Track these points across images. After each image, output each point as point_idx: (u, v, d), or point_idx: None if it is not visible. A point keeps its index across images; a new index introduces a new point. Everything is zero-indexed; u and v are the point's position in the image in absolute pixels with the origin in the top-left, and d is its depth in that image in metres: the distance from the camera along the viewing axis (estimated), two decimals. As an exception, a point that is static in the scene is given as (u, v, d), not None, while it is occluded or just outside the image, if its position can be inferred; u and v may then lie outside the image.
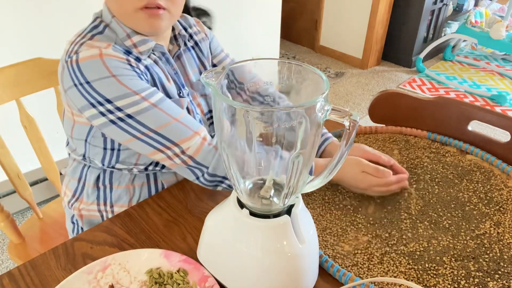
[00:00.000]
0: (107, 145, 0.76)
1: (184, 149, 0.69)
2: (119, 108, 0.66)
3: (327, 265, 0.61)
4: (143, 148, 0.70)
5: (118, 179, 0.81)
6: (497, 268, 0.62)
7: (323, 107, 0.45)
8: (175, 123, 0.69)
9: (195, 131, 0.70)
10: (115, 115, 0.66)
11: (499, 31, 2.74)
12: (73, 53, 0.67)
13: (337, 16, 3.27)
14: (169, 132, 0.68)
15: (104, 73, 0.65)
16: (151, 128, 0.67)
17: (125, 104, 0.66)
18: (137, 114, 0.67)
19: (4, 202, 1.66)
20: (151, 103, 0.67)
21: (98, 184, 0.82)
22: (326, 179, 0.52)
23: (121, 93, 0.66)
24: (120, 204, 0.83)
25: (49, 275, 0.62)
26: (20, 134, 1.07)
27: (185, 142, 0.69)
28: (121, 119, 0.67)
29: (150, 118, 0.67)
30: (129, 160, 0.78)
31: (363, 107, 2.73)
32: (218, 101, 0.45)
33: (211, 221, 0.59)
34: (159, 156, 0.70)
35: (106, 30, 0.72)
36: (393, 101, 0.99)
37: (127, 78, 0.67)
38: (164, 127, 0.68)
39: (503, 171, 0.83)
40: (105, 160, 0.78)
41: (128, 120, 0.67)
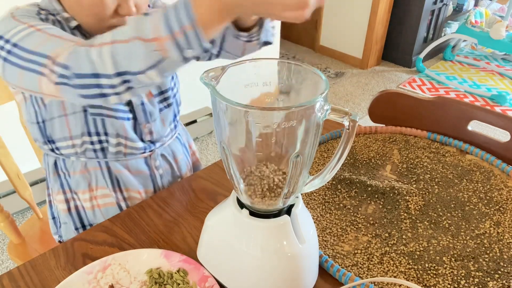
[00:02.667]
0: (38, 118, 0.76)
1: (54, 58, 0.57)
2: (7, 40, 0.61)
3: (327, 265, 0.61)
4: (31, 80, 0.60)
5: (72, 166, 0.81)
6: (497, 268, 0.62)
7: (322, 107, 0.45)
8: (52, 38, 0.60)
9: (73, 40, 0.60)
10: (5, 49, 0.61)
11: (499, 31, 2.74)
12: None
13: (337, 16, 3.27)
14: (44, 47, 0.59)
15: (6, 16, 0.64)
16: (29, 49, 0.60)
17: (12, 34, 0.61)
18: (20, 40, 0.60)
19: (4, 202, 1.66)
20: (36, 28, 0.62)
21: (57, 171, 0.83)
22: (326, 179, 0.52)
23: (11, 26, 0.63)
24: (81, 191, 0.83)
25: (49, 275, 0.62)
26: (20, 134, 1.07)
27: (56, 52, 0.58)
28: (9, 52, 0.61)
29: (30, 41, 0.60)
30: (62, 134, 0.76)
31: (363, 107, 2.73)
32: (218, 101, 0.45)
33: (211, 221, 0.59)
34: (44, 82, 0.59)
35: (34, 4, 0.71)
36: (393, 101, 0.99)
37: (25, 17, 0.65)
38: (40, 45, 0.60)
39: (503, 171, 0.83)
40: (42, 137, 0.78)
41: (14, 49, 0.60)
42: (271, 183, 0.51)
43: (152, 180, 0.88)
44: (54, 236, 0.93)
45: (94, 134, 0.77)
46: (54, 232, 0.92)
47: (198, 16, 0.49)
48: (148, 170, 0.86)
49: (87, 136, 0.77)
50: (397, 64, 3.33)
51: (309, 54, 3.56)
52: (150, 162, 0.86)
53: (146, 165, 0.86)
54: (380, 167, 0.85)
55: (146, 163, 0.86)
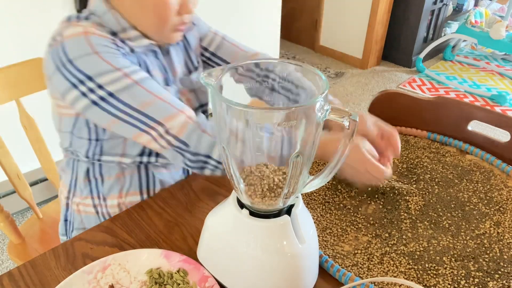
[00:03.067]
0: (92, 136, 0.75)
1: (167, 128, 0.66)
2: (100, 86, 0.64)
3: (327, 265, 0.61)
4: (127, 131, 0.67)
5: (108, 171, 0.80)
6: (497, 268, 0.62)
7: (322, 107, 0.45)
8: (158, 101, 0.66)
9: (179, 109, 0.67)
10: (97, 94, 0.64)
11: (499, 31, 2.74)
12: (58, 35, 0.66)
13: (337, 16, 3.27)
14: (152, 110, 0.65)
15: (87, 50, 0.64)
16: (134, 107, 0.65)
17: (107, 81, 0.64)
18: (119, 92, 0.64)
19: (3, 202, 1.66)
20: (134, 80, 0.65)
21: (89, 177, 0.81)
22: (326, 179, 0.52)
23: (102, 69, 0.64)
24: (111, 196, 0.82)
25: (49, 275, 0.62)
26: (20, 134, 1.07)
27: (169, 121, 0.66)
28: (103, 98, 0.64)
29: (133, 96, 0.65)
30: (115, 151, 0.76)
31: (363, 107, 2.73)
32: (218, 101, 0.45)
33: (211, 221, 0.59)
34: (144, 138, 0.67)
35: (92, 17, 0.71)
36: (393, 101, 0.99)
37: (110, 55, 0.65)
38: (147, 106, 0.65)
39: (503, 171, 0.83)
40: (89, 152, 0.77)
41: (110, 99, 0.64)
42: (271, 183, 0.51)
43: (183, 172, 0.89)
44: (62, 237, 0.92)
45: (147, 155, 0.79)
46: (62, 234, 0.91)
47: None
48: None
49: (139, 157, 0.78)
50: (397, 64, 3.33)
51: (309, 54, 3.56)
52: None
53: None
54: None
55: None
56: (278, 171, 0.51)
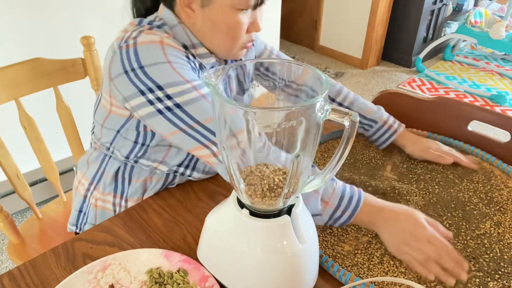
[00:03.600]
0: (139, 140, 0.75)
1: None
2: (169, 96, 0.64)
3: (327, 265, 0.61)
4: (187, 142, 0.67)
5: (138, 173, 0.80)
6: (497, 268, 0.62)
7: (322, 107, 0.45)
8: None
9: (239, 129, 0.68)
10: (164, 104, 0.64)
11: (499, 31, 2.74)
12: (131, 38, 0.66)
13: (337, 16, 3.27)
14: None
15: (161, 59, 0.64)
16: (198, 120, 0.65)
17: (176, 92, 0.64)
18: (186, 104, 0.64)
19: (3, 202, 1.66)
20: (201, 94, 0.66)
21: (117, 176, 0.81)
22: (325, 179, 0.51)
23: (173, 80, 0.64)
24: (135, 199, 0.82)
25: (49, 275, 0.62)
26: (20, 135, 1.06)
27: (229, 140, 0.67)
28: (169, 109, 0.65)
29: (199, 110, 0.65)
30: (155, 157, 0.77)
31: (363, 107, 2.73)
32: (218, 101, 0.45)
33: (211, 221, 0.59)
34: (203, 152, 0.67)
35: (165, 27, 0.71)
36: (393, 101, 0.99)
37: (181, 67, 0.66)
38: (210, 121, 0.65)
39: (503, 171, 0.83)
40: (131, 154, 0.77)
41: (176, 110, 0.65)
42: (271, 183, 0.50)
43: None
44: (71, 226, 0.91)
45: (184, 167, 0.79)
46: (72, 223, 0.90)
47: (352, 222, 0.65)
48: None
49: (177, 167, 0.79)
50: (397, 64, 3.33)
51: (309, 54, 3.56)
52: None
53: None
54: (380, 167, 0.85)
55: None
56: (278, 171, 0.51)
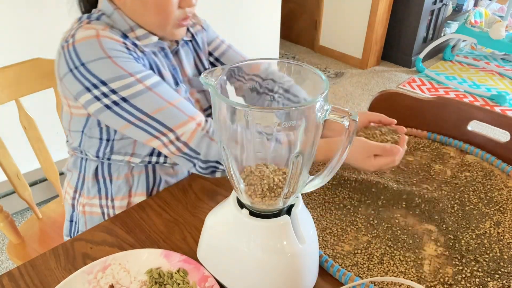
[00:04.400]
0: (103, 136, 0.75)
1: (178, 135, 0.68)
2: (113, 91, 0.65)
3: (327, 265, 0.61)
4: (139, 135, 0.69)
5: (117, 170, 0.81)
6: (497, 268, 0.62)
7: (322, 107, 0.45)
8: (170, 107, 0.67)
9: (190, 116, 0.69)
10: (110, 98, 0.65)
11: (499, 31, 2.74)
12: (70, 37, 0.67)
13: (337, 16, 3.27)
14: (164, 117, 0.67)
15: (100, 54, 0.64)
16: (146, 112, 0.66)
17: (120, 86, 0.65)
18: (132, 98, 0.65)
19: (3, 203, 1.66)
20: (146, 86, 0.66)
21: (97, 176, 0.82)
22: (326, 179, 0.51)
23: (116, 74, 0.65)
24: (120, 197, 0.82)
25: (49, 275, 0.62)
26: (20, 135, 1.07)
27: (179, 128, 0.68)
28: (116, 103, 0.65)
29: (145, 102, 0.66)
30: (124, 151, 0.77)
31: (363, 107, 2.73)
32: (218, 101, 0.45)
33: (211, 221, 0.59)
34: (155, 143, 0.70)
35: (103, 17, 0.72)
36: (393, 101, 0.99)
37: (123, 60, 0.66)
38: (158, 112, 0.67)
39: (503, 171, 0.83)
40: (100, 152, 0.77)
41: (123, 104, 0.66)
42: (271, 183, 0.50)
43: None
44: (66, 237, 0.92)
45: (156, 155, 0.79)
46: (66, 234, 0.92)
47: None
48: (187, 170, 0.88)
49: (149, 157, 0.79)
50: (397, 64, 3.33)
51: (309, 54, 3.56)
52: None
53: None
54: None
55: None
56: (278, 171, 0.51)
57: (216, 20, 2.16)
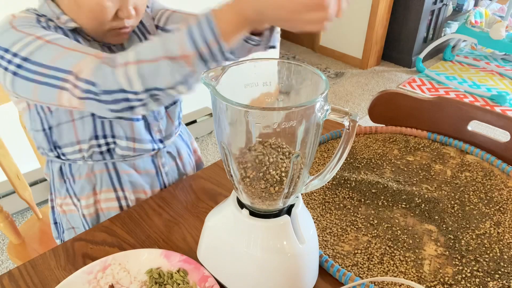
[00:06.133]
0: (44, 125, 0.74)
1: (76, 74, 0.59)
2: (15, 54, 0.61)
3: (327, 265, 0.61)
4: (49, 94, 0.62)
5: (78, 171, 0.80)
6: (497, 268, 0.62)
7: (322, 107, 0.45)
8: (69, 51, 0.61)
9: (89, 53, 0.61)
10: (14, 63, 0.61)
11: (499, 31, 2.74)
12: None
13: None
14: (62, 62, 0.60)
15: (6, 28, 0.63)
16: (45, 64, 0.60)
17: (19, 48, 0.61)
18: (30, 55, 0.61)
19: (3, 203, 1.66)
20: (46, 40, 0.62)
21: (63, 176, 0.82)
22: (326, 179, 0.51)
23: (16, 38, 0.62)
24: (85, 195, 0.82)
25: (49, 275, 0.62)
26: (20, 135, 1.07)
27: (77, 66, 0.59)
28: (19, 66, 0.61)
29: (44, 55, 0.61)
30: (69, 139, 0.75)
31: (363, 107, 2.73)
32: (218, 101, 0.45)
33: (211, 221, 0.59)
34: (64, 97, 0.61)
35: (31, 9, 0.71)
36: (393, 101, 0.99)
37: (26, 27, 0.64)
38: (57, 59, 0.60)
39: (503, 171, 0.83)
40: (50, 144, 0.76)
41: (25, 64, 0.61)
42: (271, 183, 0.50)
43: (158, 179, 0.88)
44: (56, 240, 0.93)
45: (102, 137, 0.77)
46: (56, 237, 0.92)
47: (221, 31, 0.53)
48: (154, 168, 0.86)
49: (95, 140, 0.77)
50: (397, 64, 3.33)
51: (309, 54, 3.56)
52: (157, 160, 0.86)
53: (152, 164, 0.86)
54: (380, 167, 0.85)
55: (153, 162, 0.86)
56: (278, 171, 0.51)
57: None
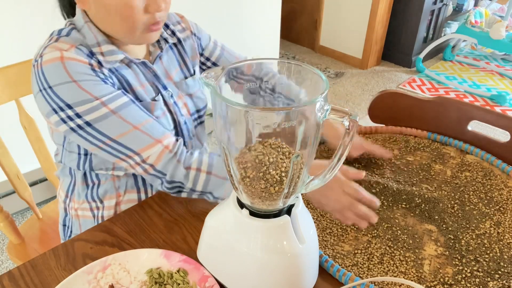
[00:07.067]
0: (81, 151, 0.76)
1: (144, 158, 0.69)
2: (78, 115, 0.65)
3: (327, 265, 0.61)
4: (107, 156, 0.70)
5: (104, 175, 0.81)
6: (497, 268, 0.62)
7: (322, 107, 0.45)
8: (134, 131, 0.68)
9: (156, 139, 0.69)
10: (75, 122, 0.66)
11: (499, 31, 2.74)
12: (39, 56, 0.67)
13: (337, 16, 3.27)
14: (128, 141, 0.67)
15: (65, 78, 0.64)
16: (110, 137, 0.67)
17: (84, 110, 0.65)
18: (96, 122, 0.66)
19: (3, 203, 1.66)
20: (110, 109, 0.66)
21: (86, 181, 0.82)
22: (325, 179, 0.51)
23: (80, 98, 0.65)
24: (108, 196, 0.82)
25: (49, 275, 0.62)
26: (20, 135, 1.07)
27: (145, 151, 0.68)
28: (80, 127, 0.66)
29: (109, 126, 0.66)
30: (105, 166, 0.78)
31: (363, 107, 2.73)
32: (218, 101, 0.45)
33: (211, 221, 0.59)
34: (123, 164, 0.71)
35: (73, 32, 0.71)
36: (393, 101, 0.99)
37: (88, 83, 0.66)
38: (123, 136, 0.67)
39: (503, 171, 0.83)
40: (80, 166, 0.78)
41: (87, 128, 0.66)
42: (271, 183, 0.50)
43: None
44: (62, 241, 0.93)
45: None
46: (62, 238, 0.93)
47: None
48: None
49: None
50: (397, 64, 3.32)
51: (309, 54, 3.56)
52: None
53: None
54: (380, 167, 0.85)
55: None
56: (278, 171, 0.51)
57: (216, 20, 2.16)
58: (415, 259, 0.64)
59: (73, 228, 0.88)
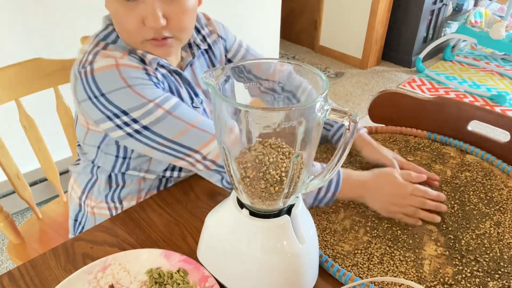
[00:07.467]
0: (120, 153, 0.76)
1: (205, 155, 0.68)
2: (135, 120, 0.65)
3: (327, 265, 0.61)
4: (165, 158, 0.69)
5: (130, 178, 0.81)
6: (497, 268, 0.62)
7: (322, 107, 0.45)
8: (192, 129, 0.67)
9: (213, 133, 0.68)
10: (132, 127, 0.65)
11: (499, 31, 2.74)
12: (88, 63, 0.65)
13: (337, 16, 3.27)
14: (187, 139, 0.67)
15: (120, 84, 0.64)
16: (168, 138, 0.66)
17: (141, 115, 0.64)
18: (153, 125, 0.65)
19: (3, 203, 1.66)
20: (166, 110, 0.66)
21: (110, 183, 0.82)
22: (325, 179, 0.51)
23: (136, 103, 0.64)
24: (129, 197, 0.83)
25: (49, 275, 0.62)
26: (20, 135, 1.07)
27: (204, 148, 0.68)
28: (138, 132, 0.66)
29: (166, 128, 0.66)
30: (140, 167, 0.78)
31: (363, 107, 2.73)
32: (218, 101, 0.45)
33: (211, 221, 0.59)
34: (182, 163, 0.70)
35: (120, 40, 0.70)
36: (393, 101, 0.99)
37: (142, 87, 0.65)
38: (181, 136, 0.66)
39: (503, 171, 0.83)
40: (115, 168, 0.78)
41: (145, 132, 0.66)
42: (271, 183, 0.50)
43: None
44: (70, 235, 0.93)
45: (170, 169, 0.80)
46: (71, 232, 0.93)
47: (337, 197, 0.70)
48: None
49: (163, 172, 0.79)
50: (397, 64, 3.33)
51: (309, 54, 3.56)
52: None
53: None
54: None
55: None
56: (278, 171, 0.51)
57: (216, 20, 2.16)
58: (415, 259, 0.64)
59: (86, 225, 0.88)
